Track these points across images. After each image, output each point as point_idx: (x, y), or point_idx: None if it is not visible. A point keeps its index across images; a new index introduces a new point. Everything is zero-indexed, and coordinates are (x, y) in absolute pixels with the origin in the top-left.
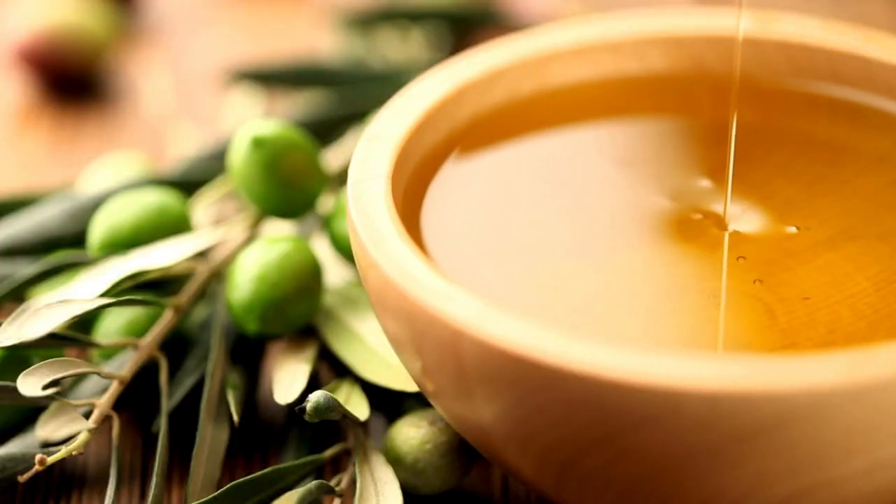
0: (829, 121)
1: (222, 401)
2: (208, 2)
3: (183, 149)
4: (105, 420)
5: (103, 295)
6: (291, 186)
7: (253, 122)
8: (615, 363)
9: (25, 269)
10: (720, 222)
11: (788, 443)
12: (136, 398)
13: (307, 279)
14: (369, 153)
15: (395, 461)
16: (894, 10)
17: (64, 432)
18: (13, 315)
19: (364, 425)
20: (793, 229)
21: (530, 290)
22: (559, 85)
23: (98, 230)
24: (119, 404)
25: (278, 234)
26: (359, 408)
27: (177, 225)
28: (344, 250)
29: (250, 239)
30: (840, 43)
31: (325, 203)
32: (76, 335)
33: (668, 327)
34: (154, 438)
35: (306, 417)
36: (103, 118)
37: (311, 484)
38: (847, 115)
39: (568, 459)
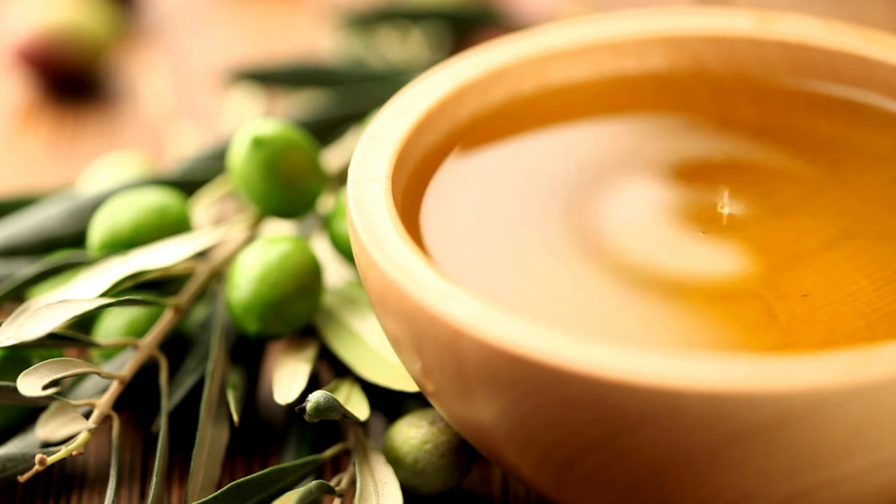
0: (828, 120)
1: (222, 401)
2: (208, 2)
3: (183, 149)
4: (105, 420)
5: (103, 295)
6: (291, 186)
7: (253, 122)
8: (615, 363)
9: (25, 269)
10: (720, 221)
11: (789, 442)
12: (136, 398)
13: (307, 279)
14: (369, 153)
15: (395, 461)
16: (894, 10)
17: (64, 432)
18: (13, 315)
19: (364, 425)
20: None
21: (530, 289)
22: (559, 85)
23: (98, 230)
24: (119, 404)
25: (278, 234)
26: (359, 408)
27: (177, 225)
28: (344, 250)
29: (250, 239)
30: (840, 43)
31: (325, 203)
32: (76, 335)
33: (669, 327)
34: (154, 438)
35: (306, 417)
36: (103, 118)
37: (311, 484)
38: (847, 114)
39: (568, 459)
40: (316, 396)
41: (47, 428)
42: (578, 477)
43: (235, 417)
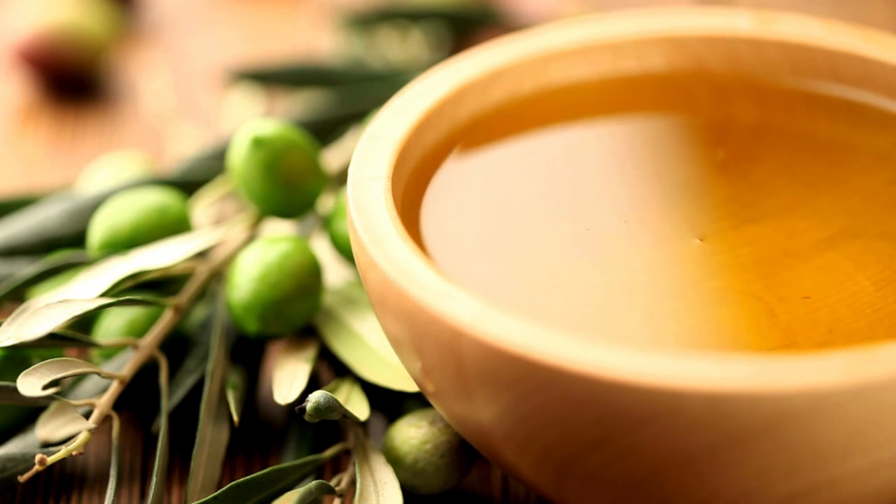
0: (828, 120)
1: (222, 401)
2: (208, 2)
3: (183, 149)
4: (105, 420)
5: (103, 295)
6: (291, 186)
7: (253, 122)
8: (615, 363)
9: (25, 269)
10: (719, 222)
11: (789, 443)
12: (136, 398)
13: (307, 279)
14: (369, 153)
15: (395, 461)
16: (894, 10)
17: (64, 432)
18: (13, 315)
19: (364, 425)
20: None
21: (530, 289)
22: (559, 85)
23: (98, 230)
24: (119, 404)
25: (278, 234)
26: (359, 408)
27: (177, 225)
28: (344, 250)
29: (250, 239)
30: (840, 43)
31: (325, 203)
32: (76, 335)
33: (668, 327)
34: (154, 438)
35: (306, 417)
36: (103, 118)
37: (311, 484)
38: (847, 114)
39: (568, 459)
40: (316, 396)
41: (47, 428)
42: (578, 477)
43: (235, 417)
